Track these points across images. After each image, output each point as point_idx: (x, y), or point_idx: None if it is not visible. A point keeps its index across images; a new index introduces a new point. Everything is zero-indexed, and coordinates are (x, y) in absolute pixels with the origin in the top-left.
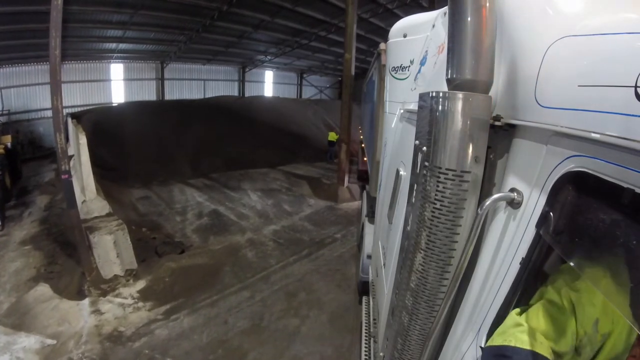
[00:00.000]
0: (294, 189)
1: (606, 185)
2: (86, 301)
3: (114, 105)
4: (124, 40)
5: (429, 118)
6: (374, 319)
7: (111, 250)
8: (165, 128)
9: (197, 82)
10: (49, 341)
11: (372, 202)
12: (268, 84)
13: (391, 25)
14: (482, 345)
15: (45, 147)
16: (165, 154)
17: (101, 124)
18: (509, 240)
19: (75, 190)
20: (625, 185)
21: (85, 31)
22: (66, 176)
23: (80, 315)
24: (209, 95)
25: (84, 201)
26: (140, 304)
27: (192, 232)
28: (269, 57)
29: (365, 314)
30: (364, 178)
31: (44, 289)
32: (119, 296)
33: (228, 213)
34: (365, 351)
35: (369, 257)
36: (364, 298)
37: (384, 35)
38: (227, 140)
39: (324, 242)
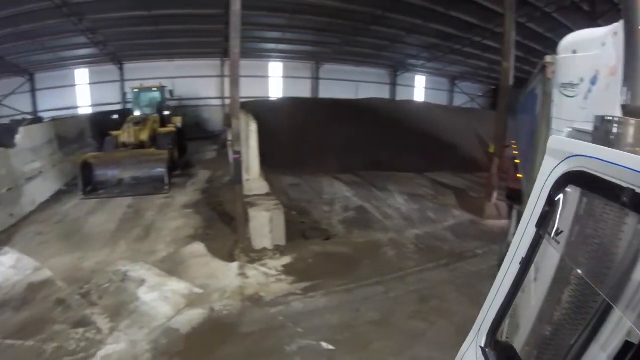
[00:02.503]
0: (439, 198)
1: (606, 185)
2: (235, 264)
3: (271, 99)
4: (282, 41)
5: (602, 142)
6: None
7: (265, 225)
8: (317, 124)
9: (349, 83)
10: (197, 290)
11: None
12: (419, 88)
13: (550, 31)
14: (482, 345)
15: (207, 130)
16: (316, 148)
17: (259, 115)
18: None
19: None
20: (625, 185)
21: (248, 32)
22: (237, 156)
23: (227, 275)
24: (360, 96)
25: (247, 180)
26: (283, 277)
27: (337, 223)
28: (420, 62)
29: None
30: (514, 197)
31: (198, 247)
32: (264, 266)
33: (374, 211)
34: None
35: None
36: None
37: (543, 42)
38: (375, 141)
39: (464, 255)
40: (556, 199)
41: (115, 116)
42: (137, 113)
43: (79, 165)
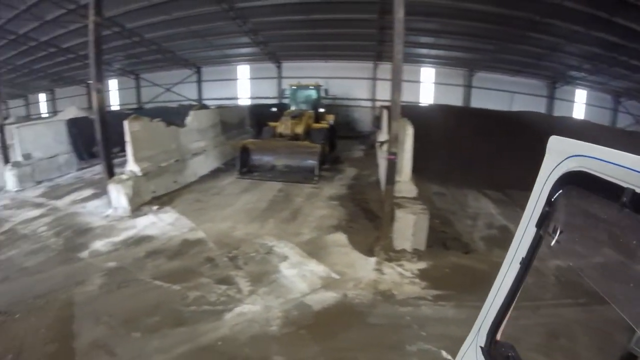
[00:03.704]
0: None
1: (606, 185)
2: (373, 260)
3: (422, 104)
4: (435, 46)
5: None
6: None
7: (409, 227)
8: (467, 134)
9: (503, 94)
10: (334, 275)
11: None
12: (579, 104)
13: None
14: (482, 345)
15: (356, 130)
16: (464, 159)
17: (410, 120)
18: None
19: None
20: (625, 185)
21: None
22: (393, 157)
23: (364, 268)
24: (514, 108)
25: (397, 181)
26: (417, 280)
27: (478, 239)
28: (581, 74)
29: None
30: None
31: (340, 237)
32: (401, 267)
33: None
34: None
35: None
36: None
37: None
38: (528, 158)
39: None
40: (556, 199)
41: (274, 109)
42: (293, 108)
43: (238, 148)
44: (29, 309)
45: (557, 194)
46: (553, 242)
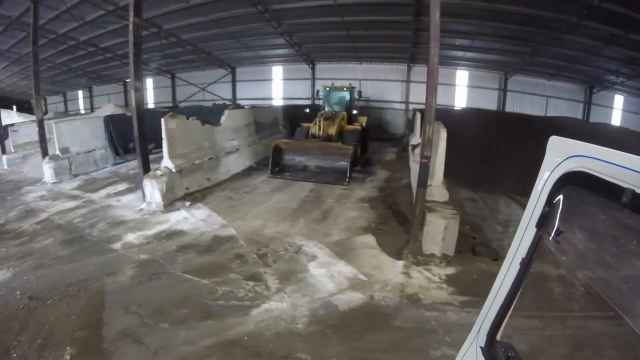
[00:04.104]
0: (627, 242)
1: (606, 185)
2: (401, 263)
3: (455, 108)
4: (470, 49)
5: None
6: None
7: (439, 232)
8: (500, 139)
9: (539, 98)
10: (361, 276)
11: None
12: (616, 110)
13: None
14: (482, 345)
15: (389, 132)
16: (496, 164)
17: (443, 123)
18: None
19: None
20: (625, 185)
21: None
22: (426, 160)
23: (392, 270)
24: (550, 113)
25: (429, 185)
26: (444, 285)
27: (508, 246)
28: (620, 79)
29: None
30: None
31: (369, 239)
32: (429, 271)
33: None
34: None
35: None
36: None
37: None
38: None
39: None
40: (556, 199)
41: (307, 110)
42: (326, 109)
43: (271, 148)
44: (60, 296)
45: (557, 194)
46: (553, 242)
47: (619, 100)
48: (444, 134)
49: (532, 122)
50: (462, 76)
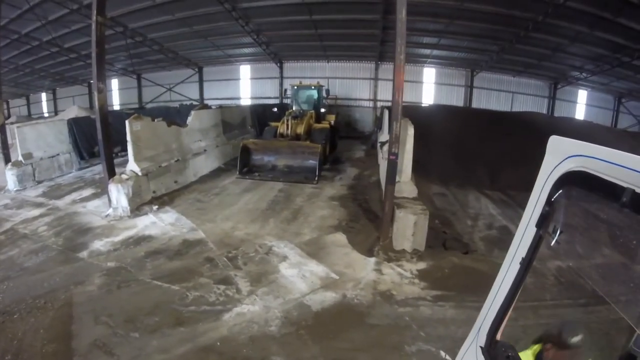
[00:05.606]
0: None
1: (606, 185)
2: (372, 260)
3: (423, 105)
4: (438, 47)
5: None
6: None
7: (409, 228)
8: (468, 134)
9: (505, 94)
10: (333, 275)
11: None
12: (580, 105)
13: None
14: (482, 345)
15: (357, 130)
16: (466, 160)
17: (411, 120)
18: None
19: None
20: (625, 185)
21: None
22: (394, 157)
23: (364, 268)
24: (515, 108)
25: (398, 181)
26: (416, 280)
27: (479, 239)
28: (584, 75)
29: None
30: None
31: (340, 237)
32: (400, 267)
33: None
34: None
35: None
36: None
37: None
38: (529, 159)
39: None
40: (556, 199)
41: (275, 109)
42: (295, 108)
43: (239, 148)
44: (28, 309)
45: (557, 194)
46: (553, 242)
47: (582, 95)
48: (411, 131)
49: (500, 118)
50: (429, 73)
